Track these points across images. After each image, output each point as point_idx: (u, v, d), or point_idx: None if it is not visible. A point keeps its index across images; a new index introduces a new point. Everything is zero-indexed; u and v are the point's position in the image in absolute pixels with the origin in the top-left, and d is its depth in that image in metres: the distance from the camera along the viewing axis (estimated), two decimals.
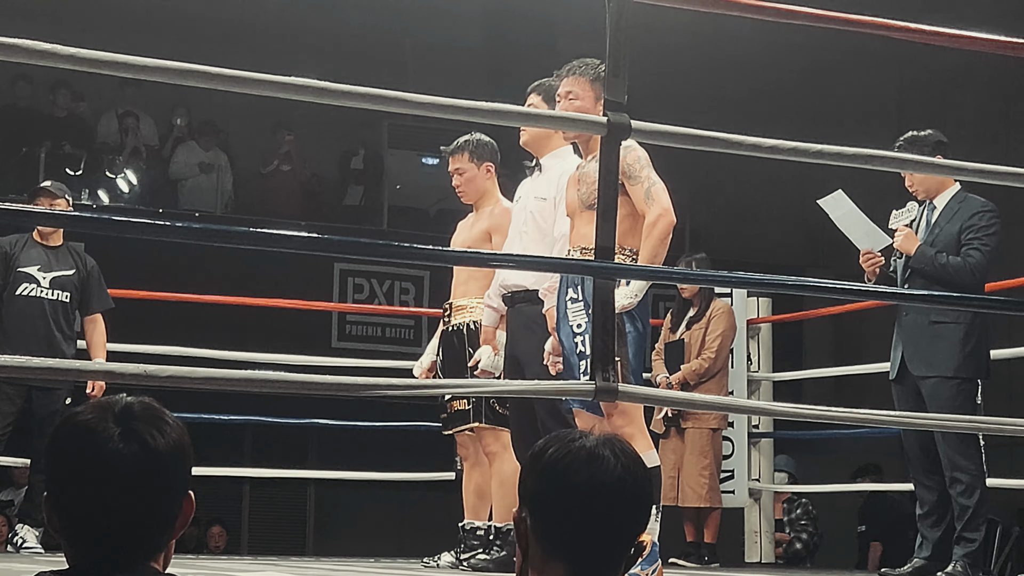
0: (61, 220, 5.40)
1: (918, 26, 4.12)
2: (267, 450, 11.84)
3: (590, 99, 5.01)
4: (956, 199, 5.84)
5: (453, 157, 6.12)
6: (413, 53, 13.69)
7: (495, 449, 5.84)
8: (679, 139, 3.87)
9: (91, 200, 12.04)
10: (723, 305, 8.00)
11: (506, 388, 4.84)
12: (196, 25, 12.37)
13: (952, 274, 5.67)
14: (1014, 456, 10.09)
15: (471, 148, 6.08)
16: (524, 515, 2.01)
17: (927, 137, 5.82)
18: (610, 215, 3.66)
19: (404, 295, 12.13)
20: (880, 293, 5.31)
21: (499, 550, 5.79)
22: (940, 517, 5.79)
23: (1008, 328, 8.40)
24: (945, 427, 5.49)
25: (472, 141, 6.09)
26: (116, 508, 1.86)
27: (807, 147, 3.88)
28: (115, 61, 3.21)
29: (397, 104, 3.61)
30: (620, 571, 2.01)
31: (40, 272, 6.77)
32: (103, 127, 12.71)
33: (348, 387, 3.43)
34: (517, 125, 5.35)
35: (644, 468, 2.03)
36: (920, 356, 5.76)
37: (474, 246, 5.95)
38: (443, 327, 6.17)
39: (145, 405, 1.93)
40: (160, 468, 1.88)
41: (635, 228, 4.89)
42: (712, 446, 7.81)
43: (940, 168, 5.20)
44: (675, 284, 8.04)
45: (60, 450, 1.90)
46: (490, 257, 5.47)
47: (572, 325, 4.87)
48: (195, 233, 4.40)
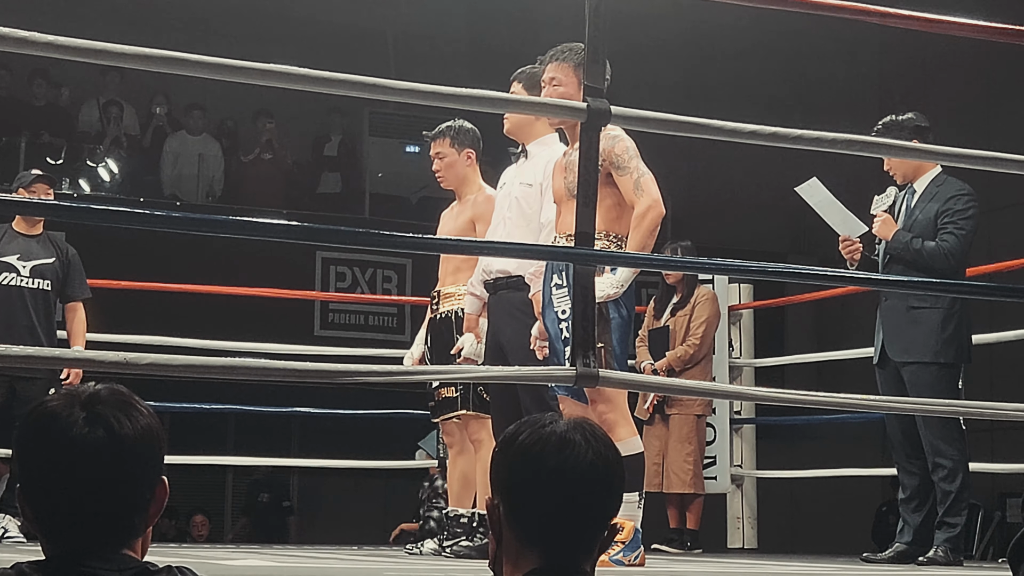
0: (42, 209, 5.38)
1: (899, 11, 4.13)
2: (250, 439, 11.83)
3: (574, 85, 4.97)
4: (935, 182, 5.84)
5: (435, 142, 6.11)
6: (395, 42, 13.66)
7: (481, 436, 5.84)
8: (659, 125, 3.87)
9: (72, 189, 12.01)
10: (707, 292, 8.01)
11: (488, 374, 4.84)
12: (177, 12, 12.34)
13: (927, 259, 5.67)
14: (996, 441, 10.14)
15: (452, 134, 6.08)
16: (497, 502, 2.01)
17: (905, 122, 5.82)
18: (590, 201, 3.66)
19: (387, 283, 12.12)
20: (861, 279, 5.31)
21: (482, 537, 5.79)
22: (922, 502, 5.81)
23: (990, 313, 8.42)
24: (926, 411, 5.50)
25: (454, 127, 6.08)
26: (84, 495, 1.85)
27: (787, 132, 3.88)
28: (94, 49, 3.20)
29: (377, 91, 3.61)
30: (594, 555, 2.01)
31: (20, 261, 6.75)
32: (84, 116, 12.67)
33: (330, 374, 3.43)
34: (497, 111, 5.34)
35: (616, 452, 2.03)
36: (899, 342, 5.77)
37: (459, 236, 5.94)
38: (431, 315, 6.16)
39: (114, 391, 1.92)
40: (127, 454, 1.87)
41: (622, 216, 4.89)
42: (696, 432, 7.82)
43: (920, 153, 5.21)
44: (659, 271, 8.04)
45: (27, 438, 1.90)
46: (473, 245, 5.47)
47: (557, 311, 4.88)
48: (176, 222, 4.39)
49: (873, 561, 5.90)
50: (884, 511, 11.22)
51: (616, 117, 3.69)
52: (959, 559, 5.73)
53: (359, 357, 7.85)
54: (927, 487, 5.78)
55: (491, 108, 4.66)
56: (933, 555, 5.65)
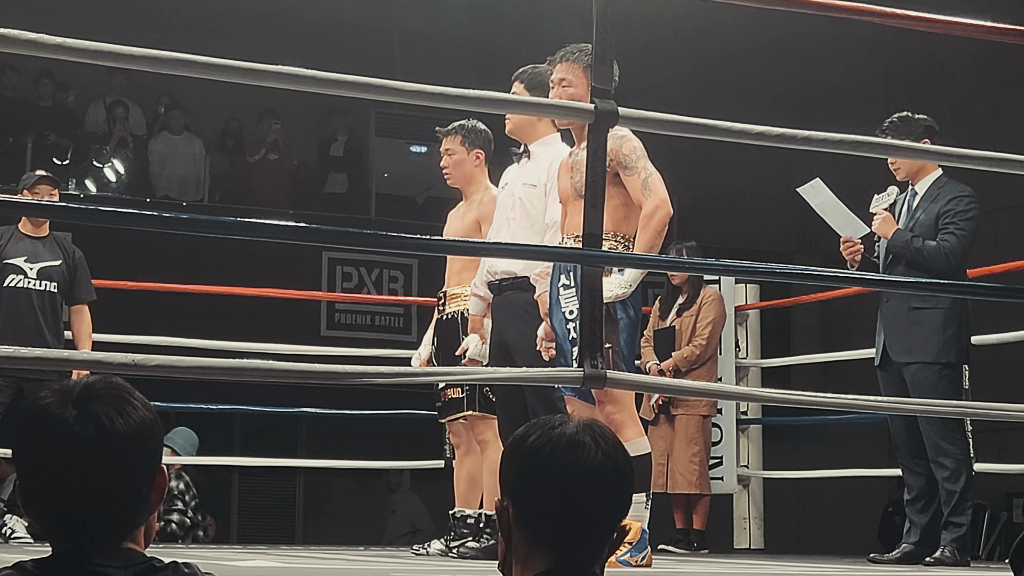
0: (48, 211, 5.38)
1: (905, 12, 4.12)
2: (256, 439, 11.83)
3: (583, 86, 4.91)
4: (937, 184, 5.86)
5: (446, 138, 6.12)
6: (401, 42, 13.67)
7: (487, 437, 5.84)
8: (667, 126, 3.87)
9: (78, 190, 12.02)
10: (713, 292, 8.00)
11: (495, 375, 4.83)
12: (182, 14, 12.35)
13: (927, 258, 5.68)
14: (1002, 441, 10.13)
15: (464, 132, 6.08)
16: (506, 503, 2.01)
17: (919, 120, 5.83)
18: (598, 203, 3.65)
19: (393, 283, 12.12)
20: (867, 280, 5.31)
21: (489, 538, 5.79)
22: (928, 502, 5.81)
23: (996, 313, 8.42)
24: (931, 412, 5.50)
25: (467, 126, 6.09)
26: (78, 492, 1.85)
27: (794, 133, 3.88)
28: (101, 50, 3.20)
29: (383, 92, 3.61)
30: (603, 557, 2.02)
31: (27, 263, 6.76)
32: (91, 116, 12.68)
33: (337, 375, 3.43)
34: (504, 112, 5.34)
35: (625, 454, 2.03)
36: (901, 342, 5.77)
37: (465, 236, 5.94)
38: (438, 316, 6.16)
39: (109, 385, 1.91)
40: (119, 449, 1.86)
41: (629, 217, 4.88)
42: (702, 433, 7.82)
43: (926, 154, 5.21)
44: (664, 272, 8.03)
45: (22, 436, 1.90)
46: (480, 245, 5.47)
47: (565, 312, 4.87)
48: (183, 223, 4.39)
49: (880, 562, 5.90)
50: (891, 511, 11.21)
51: (623, 118, 3.69)
52: (966, 559, 5.73)
53: (366, 357, 7.86)
54: (932, 487, 5.78)
55: (497, 109, 4.67)
56: (940, 555, 5.65)
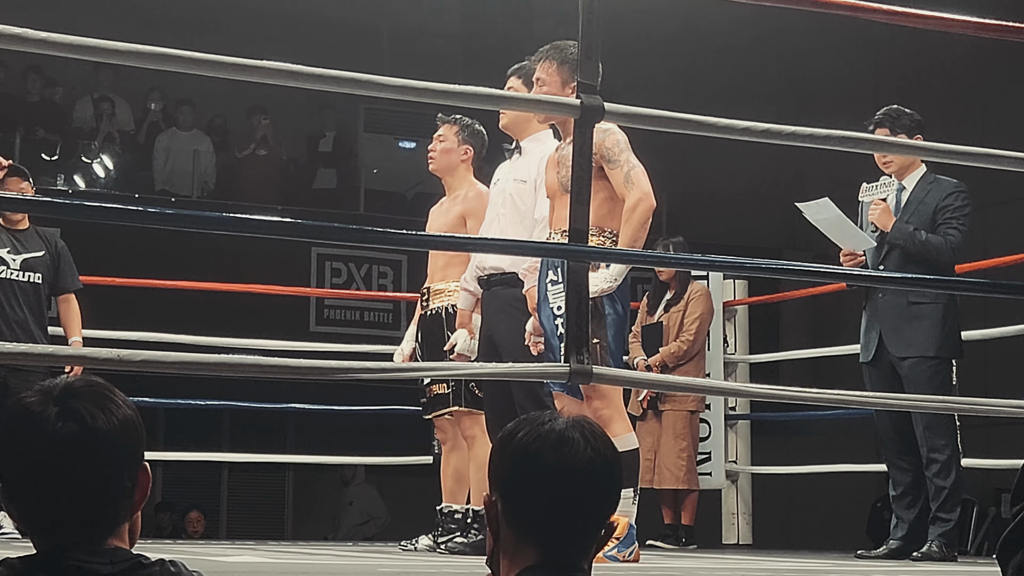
0: (35, 206, 5.37)
1: (894, 8, 4.13)
2: (245, 435, 11.83)
3: (556, 84, 5.02)
4: (925, 180, 5.88)
5: (444, 125, 6.15)
6: (390, 38, 13.66)
7: (474, 432, 5.85)
8: (654, 121, 3.86)
9: (67, 185, 12.00)
10: (701, 287, 8.01)
11: (482, 371, 4.83)
12: (171, 9, 12.33)
13: (932, 251, 5.69)
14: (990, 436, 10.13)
15: (462, 125, 6.12)
16: (495, 499, 2.01)
17: (911, 115, 5.85)
18: (584, 198, 3.65)
19: (382, 279, 12.11)
20: (855, 275, 5.31)
21: (476, 533, 5.79)
22: (915, 498, 5.82)
23: (984, 309, 8.42)
24: (922, 407, 5.50)
25: (467, 122, 6.13)
26: (61, 490, 1.85)
27: (779, 129, 3.88)
28: (88, 45, 3.19)
29: (372, 88, 3.61)
30: (591, 552, 2.02)
31: (10, 255, 6.74)
32: (79, 112, 12.66)
33: (326, 371, 3.43)
34: (491, 108, 5.35)
35: (614, 450, 2.03)
36: (899, 337, 5.77)
37: (450, 231, 5.94)
38: (421, 311, 6.17)
39: (89, 383, 1.91)
40: (101, 447, 1.87)
41: (614, 211, 4.89)
42: (690, 428, 7.82)
43: (916, 149, 5.21)
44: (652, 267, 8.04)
45: (3, 434, 1.90)
46: (467, 241, 5.47)
47: (552, 307, 4.88)
48: (171, 219, 4.38)
49: (868, 557, 5.91)
50: (879, 507, 11.24)
51: (610, 114, 3.69)
52: (953, 554, 5.74)
53: (354, 353, 7.85)
54: (919, 483, 5.79)
55: (485, 105, 4.67)
56: (927, 550, 5.66)
